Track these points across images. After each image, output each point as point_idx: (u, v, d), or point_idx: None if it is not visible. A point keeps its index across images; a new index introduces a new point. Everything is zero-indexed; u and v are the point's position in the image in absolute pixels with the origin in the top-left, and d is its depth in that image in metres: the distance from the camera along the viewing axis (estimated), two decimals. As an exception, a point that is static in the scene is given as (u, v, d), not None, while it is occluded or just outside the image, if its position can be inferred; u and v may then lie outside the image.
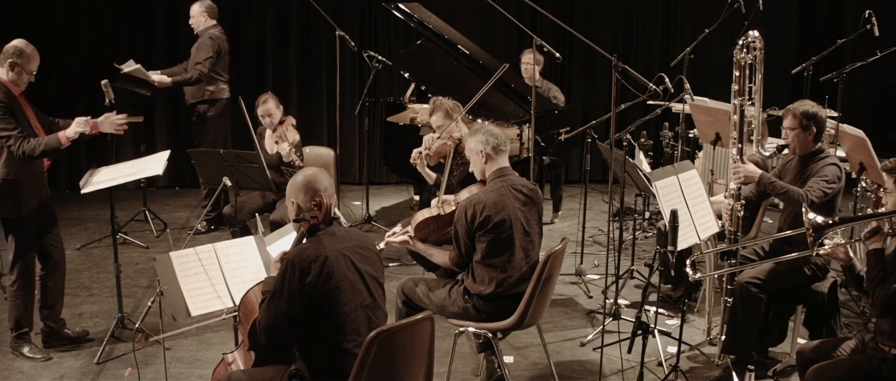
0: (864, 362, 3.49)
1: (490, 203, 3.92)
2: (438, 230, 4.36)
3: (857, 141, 5.43)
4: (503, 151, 4.10)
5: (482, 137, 4.07)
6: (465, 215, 3.94)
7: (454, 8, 8.48)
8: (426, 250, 4.27)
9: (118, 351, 4.74)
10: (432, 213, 4.34)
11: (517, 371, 4.59)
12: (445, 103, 5.31)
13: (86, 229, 7.07)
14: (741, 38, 4.17)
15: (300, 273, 3.05)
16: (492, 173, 4.08)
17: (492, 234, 3.92)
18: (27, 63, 4.42)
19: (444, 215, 4.30)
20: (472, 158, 4.16)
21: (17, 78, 4.42)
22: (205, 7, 6.75)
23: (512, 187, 4.02)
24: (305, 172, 3.32)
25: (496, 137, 4.07)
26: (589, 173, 5.63)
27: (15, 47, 4.41)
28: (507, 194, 3.98)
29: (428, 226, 4.32)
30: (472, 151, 4.13)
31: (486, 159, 4.08)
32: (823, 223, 3.42)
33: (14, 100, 4.39)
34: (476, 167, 4.17)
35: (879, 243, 3.46)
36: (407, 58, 7.09)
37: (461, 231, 3.98)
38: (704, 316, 5.01)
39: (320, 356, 3.17)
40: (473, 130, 4.17)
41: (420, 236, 4.31)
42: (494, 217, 3.90)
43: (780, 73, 7.45)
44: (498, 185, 4.01)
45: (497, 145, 4.06)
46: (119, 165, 4.90)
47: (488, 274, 3.97)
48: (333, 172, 6.28)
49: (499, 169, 4.07)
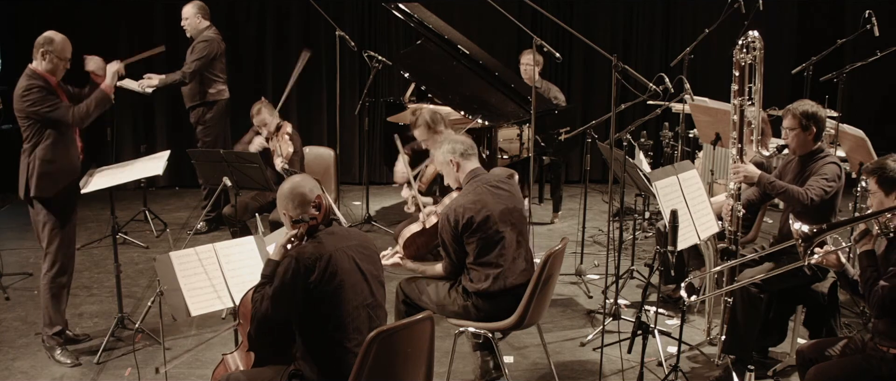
0: (863, 362, 3.49)
1: (469, 204, 3.94)
2: (427, 243, 4.41)
3: (857, 141, 5.43)
4: (471, 155, 4.13)
5: (448, 146, 4.12)
6: (447, 222, 3.97)
7: (454, 8, 8.48)
8: (418, 268, 4.30)
9: (118, 351, 4.74)
10: (417, 228, 4.38)
11: (517, 371, 4.59)
12: (423, 115, 5.27)
13: (86, 229, 7.07)
14: (741, 38, 4.17)
15: (305, 271, 3.05)
16: (465, 178, 4.11)
17: (478, 233, 3.94)
18: (60, 50, 4.49)
19: (428, 227, 4.35)
20: (444, 171, 4.20)
21: (52, 67, 4.49)
22: (198, 8, 6.73)
23: (487, 185, 4.05)
24: (291, 180, 3.35)
25: (461, 143, 4.12)
26: (589, 173, 5.63)
27: (45, 37, 4.49)
28: (483, 193, 4.01)
29: (415, 242, 4.36)
30: (442, 164, 4.16)
31: (457, 167, 4.12)
32: (811, 232, 3.43)
33: (51, 89, 4.47)
34: (450, 178, 4.20)
35: (870, 245, 3.47)
36: (407, 58, 7.09)
37: (448, 239, 4.01)
38: (704, 316, 5.01)
39: (322, 356, 3.17)
40: (437, 144, 4.20)
41: (410, 253, 4.36)
42: (477, 217, 3.92)
43: (780, 73, 7.45)
44: (473, 186, 4.05)
45: (463, 151, 4.10)
46: (119, 165, 4.91)
47: (484, 271, 3.98)
48: (333, 173, 6.28)
49: (470, 172, 4.11)
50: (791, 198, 4.25)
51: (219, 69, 6.82)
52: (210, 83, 6.76)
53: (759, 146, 4.69)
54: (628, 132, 5.64)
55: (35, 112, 4.41)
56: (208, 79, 6.74)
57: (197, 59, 6.63)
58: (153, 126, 8.59)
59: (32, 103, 4.40)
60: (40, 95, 4.40)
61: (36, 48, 4.48)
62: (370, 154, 8.20)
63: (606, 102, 5.65)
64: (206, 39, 6.69)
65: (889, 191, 3.53)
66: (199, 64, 6.64)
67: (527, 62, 7.16)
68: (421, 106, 5.37)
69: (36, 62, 4.49)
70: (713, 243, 4.55)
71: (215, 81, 6.79)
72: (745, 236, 4.96)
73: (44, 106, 4.40)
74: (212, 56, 6.69)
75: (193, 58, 6.65)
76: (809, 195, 4.18)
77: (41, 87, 4.41)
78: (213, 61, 6.74)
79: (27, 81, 4.43)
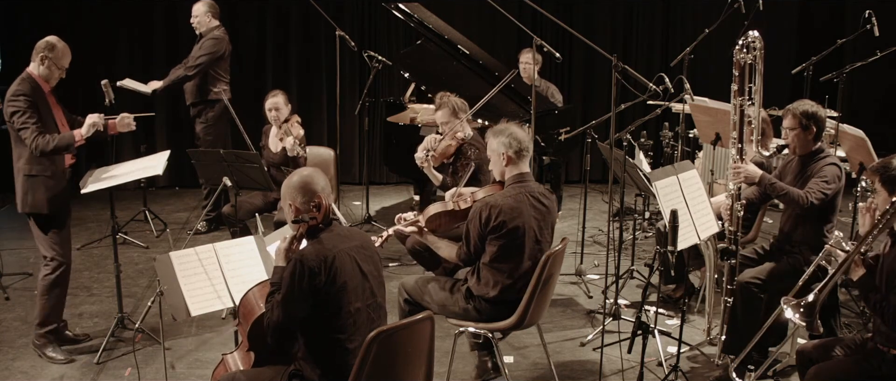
0: (863, 362, 3.49)
1: (506, 208, 3.87)
2: (449, 224, 4.31)
3: (857, 141, 5.43)
4: (525, 156, 4.01)
5: (505, 139, 3.98)
6: (479, 216, 3.90)
7: (454, 8, 8.48)
8: (434, 242, 4.23)
9: (118, 351, 4.74)
10: (446, 207, 4.26)
11: (517, 371, 4.59)
12: (453, 101, 5.22)
13: (86, 229, 7.07)
14: (741, 38, 4.17)
15: (310, 273, 3.04)
16: (511, 178, 4.01)
17: (504, 239, 3.89)
18: (59, 58, 4.47)
19: (458, 210, 4.24)
20: (493, 158, 4.07)
21: (47, 73, 4.47)
22: (208, 6, 6.75)
23: (530, 195, 3.97)
24: (301, 172, 3.30)
25: (520, 142, 3.97)
26: (589, 173, 5.63)
27: (47, 42, 4.47)
28: (524, 202, 3.93)
29: (440, 219, 4.25)
30: (494, 152, 4.04)
31: (508, 162, 4.00)
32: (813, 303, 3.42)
33: (41, 96, 4.43)
34: (495, 168, 4.08)
35: (861, 270, 3.45)
36: (407, 58, 7.09)
37: (473, 231, 3.94)
38: (704, 316, 5.01)
39: (323, 356, 3.17)
40: (496, 130, 4.05)
41: (431, 228, 4.25)
42: (509, 223, 3.86)
43: (780, 73, 7.45)
44: (516, 190, 3.96)
45: (519, 150, 3.98)
46: (119, 165, 4.91)
47: (494, 278, 3.96)
48: (333, 173, 6.28)
49: (519, 174, 4.01)
50: (791, 200, 4.25)
51: (223, 69, 6.83)
52: (214, 82, 6.77)
53: (759, 146, 4.69)
54: (628, 132, 5.64)
55: (10, 120, 4.36)
56: (212, 77, 6.75)
57: (204, 54, 6.64)
58: (153, 126, 8.58)
59: (14, 111, 4.34)
60: (24, 105, 4.33)
61: (36, 52, 4.46)
62: (370, 154, 8.20)
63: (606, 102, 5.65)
64: (216, 37, 6.71)
65: (893, 190, 3.53)
66: (206, 59, 6.65)
67: (526, 61, 7.16)
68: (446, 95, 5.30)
69: (33, 65, 4.47)
70: (713, 243, 4.55)
71: (219, 80, 6.80)
72: (745, 236, 4.96)
73: (20, 118, 4.34)
74: (218, 54, 6.71)
75: (201, 53, 6.66)
76: (810, 199, 4.18)
77: (28, 98, 4.34)
78: (220, 60, 6.75)
79: (17, 86, 4.39)
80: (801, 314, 3.43)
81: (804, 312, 3.43)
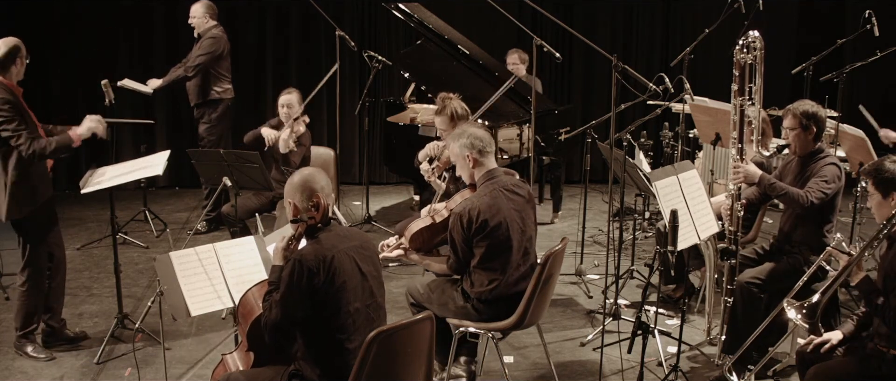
0: (863, 362, 3.49)
1: (484, 208, 3.87)
2: (431, 239, 4.31)
3: (857, 141, 5.43)
4: (489, 153, 4.01)
5: (466, 140, 3.97)
6: (460, 222, 3.89)
7: (454, 8, 8.48)
8: (422, 261, 4.26)
9: (118, 351, 4.74)
10: (424, 223, 4.28)
11: (517, 371, 4.59)
12: (453, 106, 5.04)
13: (86, 229, 7.07)
14: (741, 38, 4.17)
15: (309, 273, 3.04)
16: (481, 177, 4.01)
17: (489, 238, 3.89)
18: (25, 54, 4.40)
19: (436, 223, 4.26)
20: (458, 163, 4.07)
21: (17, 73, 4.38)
22: (206, 7, 6.76)
23: (503, 189, 3.97)
24: (302, 171, 3.31)
25: (480, 139, 3.97)
26: (589, 173, 5.63)
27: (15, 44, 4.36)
28: (499, 197, 3.93)
29: (421, 236, 4.26)
30: (458, 157, 4.04)
31: (474, 163, 4.00)
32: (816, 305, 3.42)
33: (19, 102, 4.38)
34: (463, 172, 4.09)
35: (861, 273, 3.45)
36: (407, 58, 7.09)
37: (458, 238, 3.93)
38: (704, 316, 5.01)
39: (322, 356, 3.17)
40: (455, 135, 4.05)
41: (415, 246, 4.27)
42: (491, 221, 3.86)
43: (780, 73, 7.45)
44: (490, 188, 3.96)
45: (482, 148, 3.97)
46: (119, 165, 4.90)
47: (487, 277, 3.96)
48: (333, 173, 6.28)
49: (487, 172, 4.00)
50: (791, 200, 4.25)
51: (224, 68, 6.83)
52: (216, 81, 6.78)
53: (759, 146, 4.69)
54: (628, 132, 5.64)
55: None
56: (214, 76, 6.76)
57: (203, 54, 6.65)
58: (153, 126, 8.58)
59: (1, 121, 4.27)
60: (10, 114, 4.28)
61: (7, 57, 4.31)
62: (370, 154, 8.20)
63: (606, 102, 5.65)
64: (214, 37, 6.72)
65: (886, 192, 3.53)
66: (205, 59, 6.66)
67: (512, 62, 7.20)
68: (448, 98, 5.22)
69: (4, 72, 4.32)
70: (713, 243, 4.55)
71: (221, 79, 6.81)
72: (745, 236, 4.96)
73: (8, 127, 4.28)
74: (217, 53, 6.72)
75: (200, 52, 6.67)
76: (809, 198, 4.18)
77: (13, 105, 4.28)
78: (219, 59, 6.76)
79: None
80: (804, 316, 3.43)
81: (806, 314, 3.43)
